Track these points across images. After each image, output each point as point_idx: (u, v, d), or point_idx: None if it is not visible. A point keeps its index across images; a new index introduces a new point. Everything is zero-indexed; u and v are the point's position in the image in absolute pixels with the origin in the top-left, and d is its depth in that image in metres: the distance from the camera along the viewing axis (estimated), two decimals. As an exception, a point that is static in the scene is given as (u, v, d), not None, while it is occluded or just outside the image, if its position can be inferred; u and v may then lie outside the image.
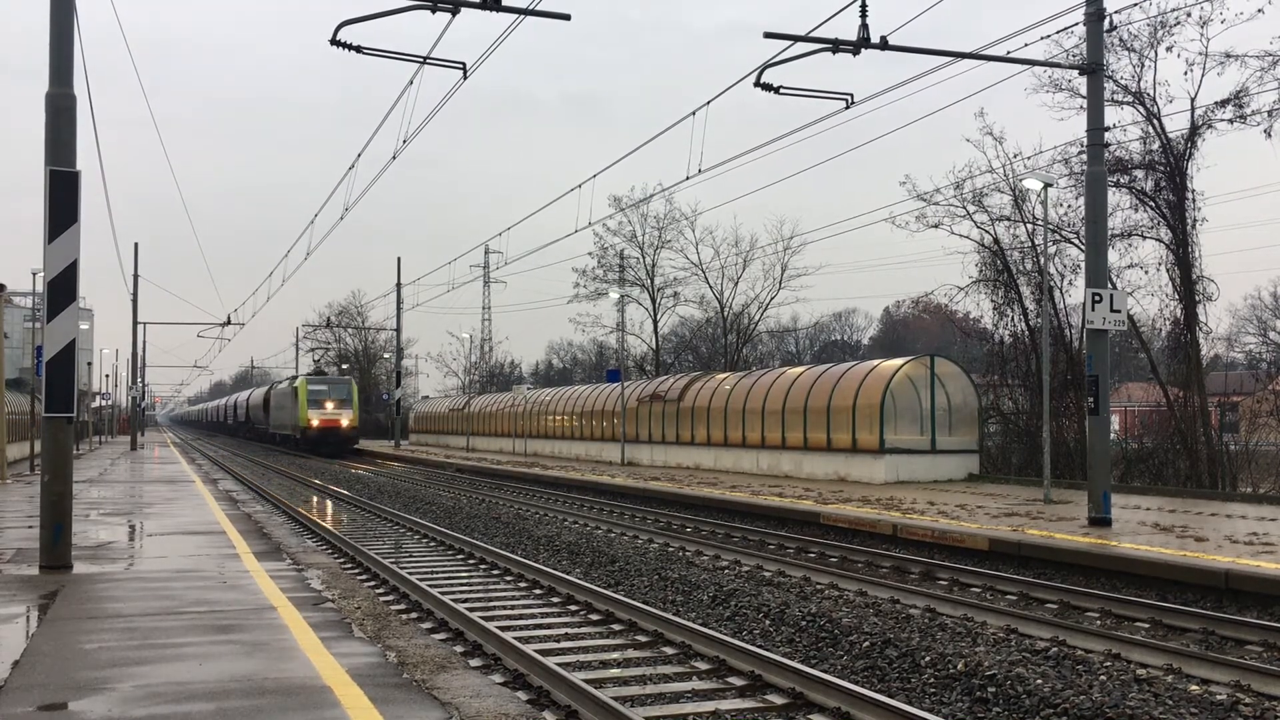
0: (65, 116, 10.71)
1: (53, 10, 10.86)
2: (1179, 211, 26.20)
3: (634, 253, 51.44)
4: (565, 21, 14.03)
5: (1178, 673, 8.29)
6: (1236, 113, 25.14)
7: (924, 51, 15.90)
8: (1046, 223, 21.54)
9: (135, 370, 61.82)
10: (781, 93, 15.59)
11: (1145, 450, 28.07)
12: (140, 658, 7.00)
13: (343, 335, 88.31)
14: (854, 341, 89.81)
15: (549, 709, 7.50)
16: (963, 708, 7.55)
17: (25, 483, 24.70)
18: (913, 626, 9.70)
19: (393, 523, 20.51)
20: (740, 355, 50.31)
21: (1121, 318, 16.26)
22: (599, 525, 19.41)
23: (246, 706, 5.80)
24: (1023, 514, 17.23)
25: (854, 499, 20.22)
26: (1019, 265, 29.67)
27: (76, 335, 10.72)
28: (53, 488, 10.68)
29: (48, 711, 5.77)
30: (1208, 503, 19.49)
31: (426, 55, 14.83)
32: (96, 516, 16.79)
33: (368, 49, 14.29)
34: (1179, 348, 26.94)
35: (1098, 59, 16.33)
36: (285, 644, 7.40)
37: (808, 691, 7.68)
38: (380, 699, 5.98)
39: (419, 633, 8.53)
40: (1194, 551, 12.66)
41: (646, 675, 8.52)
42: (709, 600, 11.53)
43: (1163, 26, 25.71)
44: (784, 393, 28.80)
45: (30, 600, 9.26)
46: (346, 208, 25.63)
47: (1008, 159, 28.97)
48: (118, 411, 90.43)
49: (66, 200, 10.56)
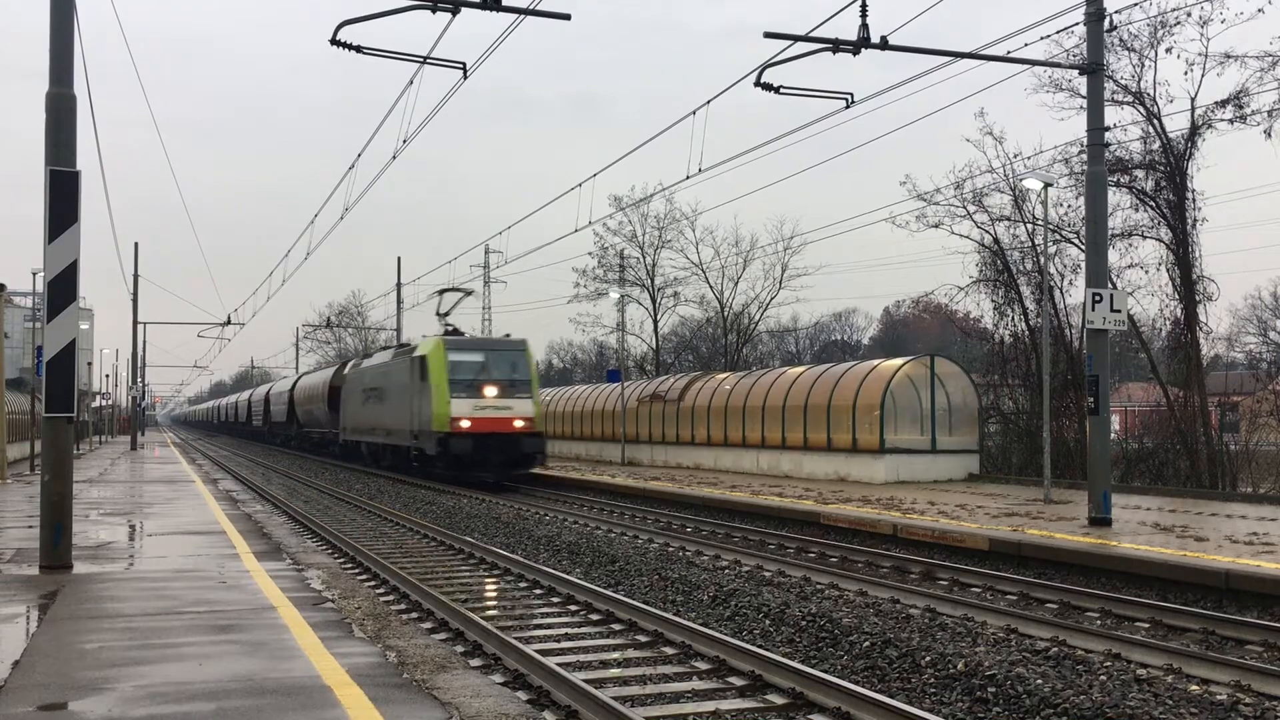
0: (65, 116, 10.71)
1: (53, 10, 10.86)
2: (1179, 211, 26.21)
3: (634, 252, 51.35)
4: (565, 21, 14.04)
5: (1178, 673, 8.29)
6: (1236, 113, 25.16)
7: (924, 51, 15.90)
8: (1046, 223, 21.53)
9: (135, 370, 61.83)
10: (782, 92, 15.61)
11: (1145, 450, 28.07)
12: (140, 658, 7.00)
13: (343, 335, 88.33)
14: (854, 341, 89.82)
15: (549, 709, 7.51)
16: (963, 708, 7.55)
17: (25, 483, 24.69)
18: (913, 626, 9.70)
19: (402, 526, 20.50)
20: (740, 355, 50.30)
21: (1121, 317, 16.26)
22: (599, 525, 19.40)
23: (246, 706, 5.80)
24: (1023, 514, 17.23)
25: (854, 499, 20.22)
26: (1019, 265, 29.69)
27: (76, 335, 10.72)
28: (53, 488, 10.68)
29: (48, 711, 5.77)
30: (1208, 503, 19.48)
31: (426, 55, 14.84)
32: (96, 516, 16.79)
33: (368, 49, 14.30)
34: (1179, 348, 26.94)
35: (1098, 59, 16.34)
36: (285, 644, 7.40)
37: (808, 691, 7.68)
38: (380, 699, 5.98)
39: (419, 632, 8.54)
40: (1194, 551, 12.66)
41: (646, 675, 8.52)
42: (709, 600, 11.53)
43: (1163, 26, 25.73)
44: (784, 393, 28.80)
45: (30, 600, 9.26)
46: (346, 208, 25.65)
47: (1008, 159, 29.01)
48: (118, 411, 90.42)
49: (67, 200, 10.56)
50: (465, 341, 31.83)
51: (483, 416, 28.84)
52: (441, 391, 29.06)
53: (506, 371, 29.93)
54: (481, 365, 29.83)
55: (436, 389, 29.20)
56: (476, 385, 29.30)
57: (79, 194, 10.67)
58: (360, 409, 38.93)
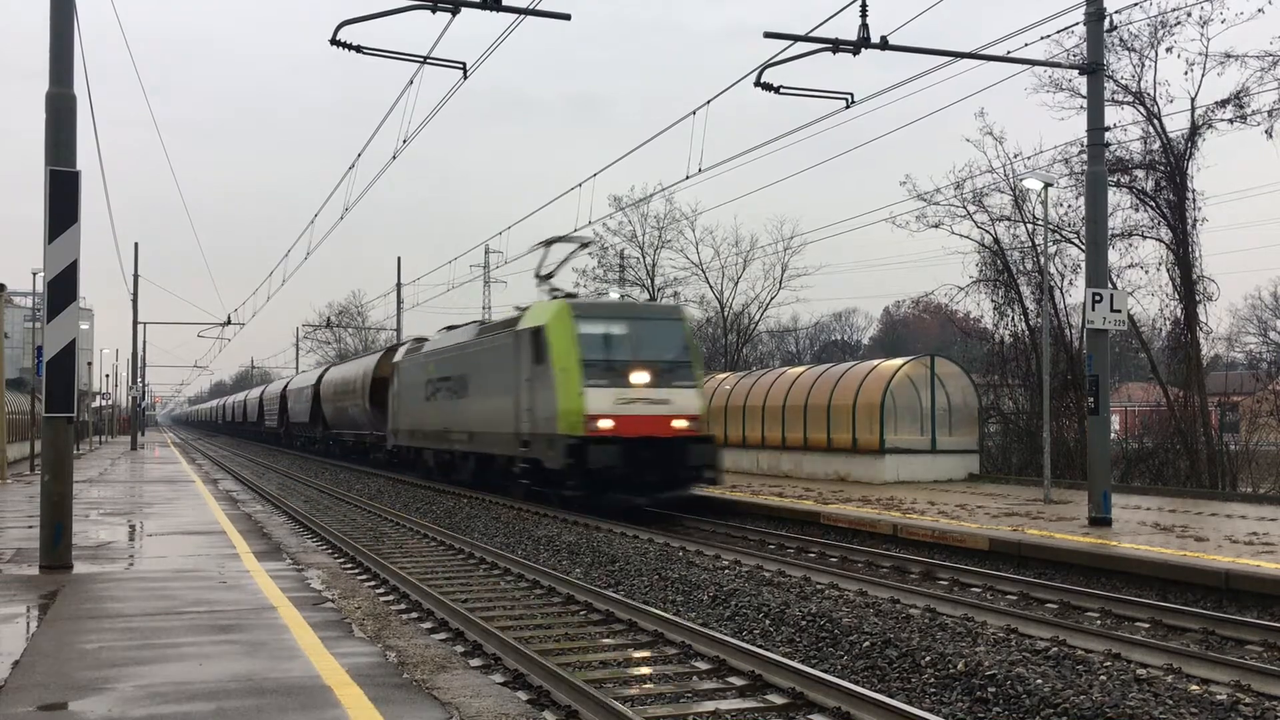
0: (65, 116, 10.71)
1: (53, 10, 10.86)
2: (1179, 211, 26.22)
3: (634, 252, 51.32)
4: (565, 21, 14.06)
5: (1178, 673, 8.28)
6: (1236, 113, 25.19)
7: (924, 51, 15.91)
8: (1046, 223, 21.54)
9: (135, 370, 61.85)
10: (782, 92, 15.62)
11: (1145, 450, 28.08)
12: (140, 658, 7.00)
13: (343, 335, 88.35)
14: (854, 341, 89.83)
15: (549, 709, 7.51)
16: (963, 708, 7.55)
17: (25, 483, 24.69)
18: (913, 626, 9.69)
19: (403, 526, 20.50)
20: (740, 355, 50.31)
21: (1122, 317, 16.27)
22: (599, 525, 19.40)
23: (246, 706, 5.80)
24: (1023, 514, 17.23)
25: (854, 499, 20.22)
26: (1019, 265, 29.71)
27: (76, 335, 10.72)
28: (53, 488, 10.69)
29: (48, 711, 5.77)
30: (1208, 503, 19.49)
31: (426, 55, 14.85)
32: (96, 516, 16.79)
33: (368, 49, 14.32)
34: (1179, 348, 26.96)
35: (1098, 59, 16.34)
36: (285, 644, 7.40)
37: (808, 691, 7.68)
38: (380, 699, 5.98)
39: (419, 632, 8.54)
40: (1194, 551, 12.67)
41: (646, 675, 8.52)
42: (709, 600, 11.53)
43: (1163, 26, 25.76)
44: (784, 392, 28.79)
45: (30, 600, 9.26)
46: (346, 208, 25.65)
47: (1008, 159, 29.03)
48: (118, 411, 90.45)
49: (67, 200, 10.56)
50: (600, 307, 23.47)
51: (632, 414, 19.94)
52: (570, 378, 20.11)
53: (660, 349, 20.96)
54: (626, 340, 20.92)
55: (562, 375, 20.26)
56: (621, 369, 20.31)
57: (79, 194, 10.68)
58: (422, 406, 30.12)
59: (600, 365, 20.31)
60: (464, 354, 26.70)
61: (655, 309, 23.90)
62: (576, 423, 19.87)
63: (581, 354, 20.31)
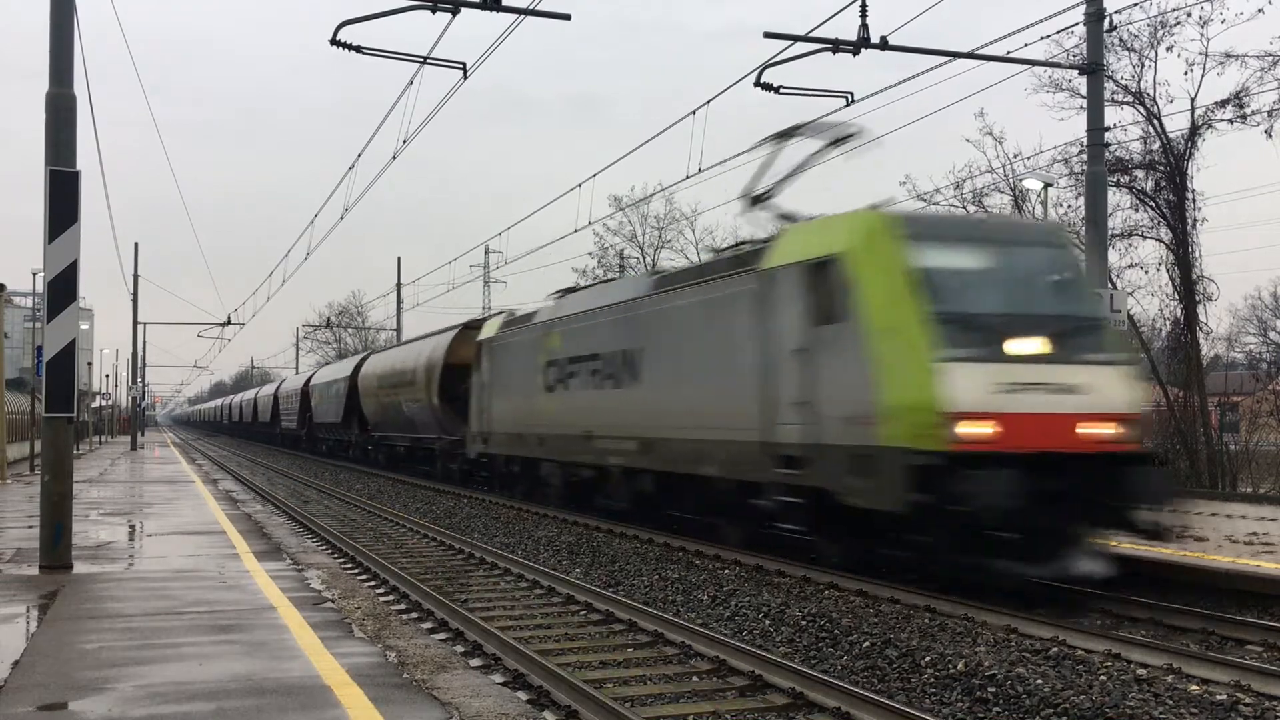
0: (65, 116, 10.72)
1: (52, 10, 10.87)
2: (1179, 211, 26.19)
3: (634, 253, 51.30)
4: (565, 21, 14.07)
5: (1178, 673, 8.28)
6: (1237, 113, 25.13)
7: (924, 51, 15.93)
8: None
9: (135, 370, 61.90)
10: (781, 92, 15.65)
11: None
12: (140, 658, 7.00)
13: (343, 335, 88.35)
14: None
15: (549, 709, 7.51)
16: (963, 708, 7.55)
17: (25, 483, 24.69)
18: (912, 626, 9.70)
19: (403, 526, 20.50)
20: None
21: (1121, 318, 16.28)
22: (599, 525, 19.38)
23: (246, 706, 5.80)
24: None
25: None
26: (1019, 265, 29.64)
27: (76, 335, 10.74)
28: (53, 488, 10.70)
29: (48, 711, 5.77)
30: (1207, 503, 19.45)
31: (426, 55, 14.86)
32: (96, 516, 16.80)
33: (368, 49, 14.34)
34: (1179, 348, 26.93)
35: (1098, 59, 16.35)
36: (285, 644, 7.40)
37: (808, 691, 7.69)
38: (380, 699, 5.99)
39: (419, 632, 8.55)
40: (1193, 551, 12.66)
41: (646, 675, 8.52)
42: (709, 600, 11.53)
43: (1163, 26, 25.70)
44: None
45: (30, 600, 9.27)
46: (346, 208, 25.68)
47: (1008, 159, 28.95)
48: (118, 411, 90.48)
49: (67, 200, 10.57)
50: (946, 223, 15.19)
51: (1028, 412, 10.95)
52: (912, 345, 11.21)
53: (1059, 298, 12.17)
54: (1000, 280, 12.01)
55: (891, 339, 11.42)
56: (1000, 330, 11.32)
57: (79, 194, 10.69)
58: (538, 399, 20.96)
59: (961, 322, 11.26)
60: (631, 317, 17.41)
61: (1031, 230, 14.72)
62: (926, 426, 10.84)
63: (931, 303, 11.27)
